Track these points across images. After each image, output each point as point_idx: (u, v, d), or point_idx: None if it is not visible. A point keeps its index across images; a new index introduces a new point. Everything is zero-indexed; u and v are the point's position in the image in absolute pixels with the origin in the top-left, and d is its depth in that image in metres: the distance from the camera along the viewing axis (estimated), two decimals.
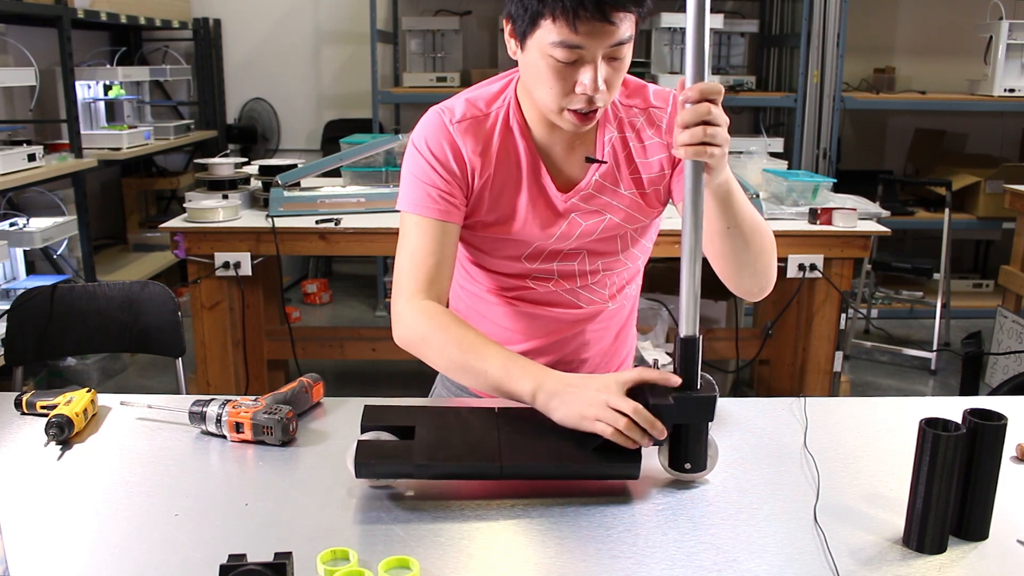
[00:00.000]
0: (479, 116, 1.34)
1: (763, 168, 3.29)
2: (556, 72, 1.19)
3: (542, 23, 1.16)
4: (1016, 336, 3.65)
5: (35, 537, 1.03)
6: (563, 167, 1.35)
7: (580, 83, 1.19)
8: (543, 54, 1.18)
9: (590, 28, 1.14)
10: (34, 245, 3.37)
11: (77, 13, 3.76)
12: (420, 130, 1.36)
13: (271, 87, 5.27)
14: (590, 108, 1.22)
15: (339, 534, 1.04)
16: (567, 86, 1.20)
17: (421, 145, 1.34)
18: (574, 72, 1.19)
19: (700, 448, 1.15)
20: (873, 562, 0.99)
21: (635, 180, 1.36)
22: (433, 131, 1.34)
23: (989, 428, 1.02)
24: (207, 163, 3.28)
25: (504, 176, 1.34)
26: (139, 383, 3.70)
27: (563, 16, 1.14)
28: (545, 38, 1.17)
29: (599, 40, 1.16)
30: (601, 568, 0.97)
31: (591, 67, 1.18)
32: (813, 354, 3.03)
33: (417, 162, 1.34)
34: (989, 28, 4.52)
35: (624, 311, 1.52)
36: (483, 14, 5.06)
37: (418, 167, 1.33)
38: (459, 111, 1.34)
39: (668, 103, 1.36)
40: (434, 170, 1.32)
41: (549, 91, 1.21)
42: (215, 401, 1.29)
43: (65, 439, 1.26)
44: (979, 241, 5.22)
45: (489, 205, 1.35)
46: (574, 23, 1.13)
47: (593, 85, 1.18)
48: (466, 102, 1.35)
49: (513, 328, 1.46)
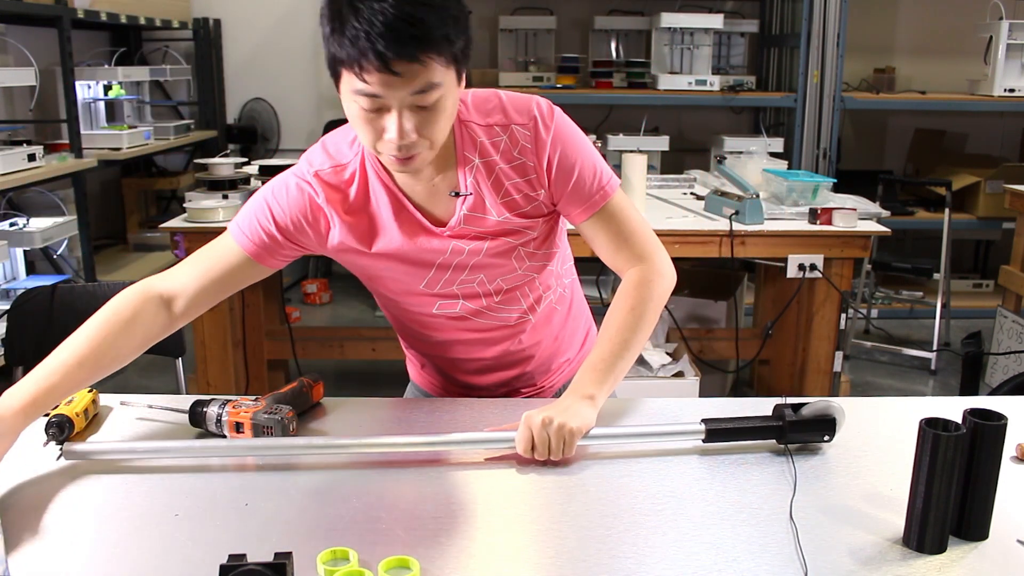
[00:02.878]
0: (336, 166, 1.31)
1: (763, 168, 3.29)
2: (364, 119, 1.16)
3: (342, 71, 1.14)
4: (1016, 336, 3.65)
5: (35, 537, 1.03)
6: (430, 205, 1.32)
7: (387, 130, 1.15)
8: (349, 100, 1.16)
9: (380, 79, 1.10)
10: (34, 245, 3.37)
11: (77, 13, 3.76)
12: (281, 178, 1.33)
13: (271, 87, 5.27)
14: (404, 155, 1.17)
15: (339, 534, 1.04)
16: (376, 132, 1.16)
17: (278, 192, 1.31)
18: (380, 119, 1.15)
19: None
20: (873, 562, 0.99)
21: (507, 203, 1.32)
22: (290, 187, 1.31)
23: (989, 428, 1.02)
24: (207, 163, 3.27)
25: (368, 217, 1.32)
26: (139, 383, 3.70)
27: (349, 68, 1.11)
28: (347, 85, 1.14)
29: (395, 89, 1.11)
30: (601, 568, 0.97)
31: (394, 115, 1.14)
32: (813, 354, 3.03)
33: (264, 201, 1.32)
34: (989, 28, 4.52)
35: (557, 316, 1.50)
36: (482, 14, 5.06)
37: (262, 205, 1.32)
38: (317, 162, 1.31)
39: (530, 118, 1.29)
40: (273, 219, 1.30)
41: (364, 136, 1.19)
42: (215, 401, 1.29)
43: (65, 439, 1.26)
44: (979, 241, 5.22)
45: (359, 240, 1.32)
46: (361, 75, 1.10)
47: (397, 134, 1.14)
48: (324, 152, 1.32)
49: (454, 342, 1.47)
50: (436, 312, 1.42)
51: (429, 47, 1.09)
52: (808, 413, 1.25)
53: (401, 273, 1.36)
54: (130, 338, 1.26)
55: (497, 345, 1.47)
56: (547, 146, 1.29)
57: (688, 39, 4.63)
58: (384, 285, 1.41)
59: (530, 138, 1.29)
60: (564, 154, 1.30)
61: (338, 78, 1.16)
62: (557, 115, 1.31)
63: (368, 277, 1.41)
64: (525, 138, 1.29)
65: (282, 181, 1.33)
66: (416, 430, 1.33)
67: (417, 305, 1.42)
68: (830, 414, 1.25)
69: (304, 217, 1.31)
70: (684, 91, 4.50)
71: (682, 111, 5.11)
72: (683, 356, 3.11)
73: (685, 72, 4.64)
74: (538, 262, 1.40)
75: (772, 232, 2.86)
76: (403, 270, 1.35)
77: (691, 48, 4.65)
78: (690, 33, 4.62)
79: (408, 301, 1.42)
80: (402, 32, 1.07)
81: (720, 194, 3.01)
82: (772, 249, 2.91)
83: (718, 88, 4.52)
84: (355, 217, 1.32)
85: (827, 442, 1.27)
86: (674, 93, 4.49)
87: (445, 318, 1.42)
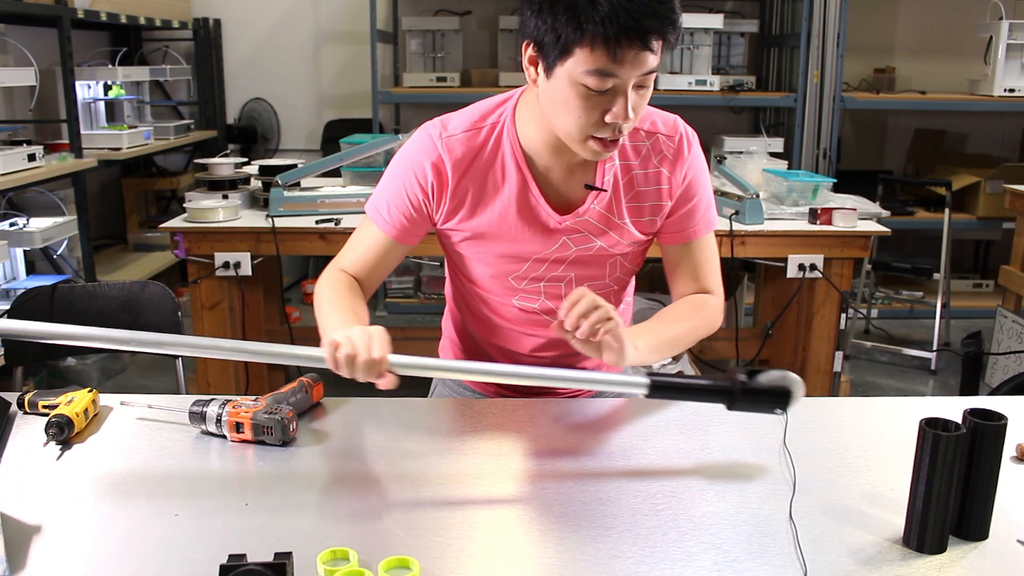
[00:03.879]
0: (470, 131, 1.33)
1: (763, 168, 3.29)
2: (586, 100, 1.17)
3: (577, 51, 1.14)
4: (1016, 336, 3.65)
5: (35, 537, 1.03)
6: (562, 190, 1.34)
7: (612, 112, 1.17)
8: (573, 82, 1.16)
9: (628, 56, 1.13)
10: (34, 245, 3.37)
11: (77, 13, 3.76)
12: (410, 145, 1.36)
13: (271, 87, 5.27)
14: (617, 136, 1.21)
15: (339, 534, 1.04)
16: (596, 115, 1.18)
17: (404, 163, 1.35)
18: (604, 101, 1.17)
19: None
20: (873, 562, 0.99)
21: (632, 209, 1.35)
22: (419, 150, 1.34)
23: (989, 428, 1.02)
24: (207, 163, 3.27)
25: (488, 192, 1.33)
26: (139, 383, 3.70)
27: (604, 44, 1.12)
28: (578, 67, 1.15)
29: (635, 68, 1.14)
30: (601, 568, 0.97)
31: (623, 96, 1.16)
32: (813, 354, 3.03)
33: (395, 177, 1.36)
34: (989, 28, 4.52)
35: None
36: (483, 14, 5.06)
37: (394, 183, 1.36)
38: (452, 124, 1.33)
39: (676, 132, 1.36)
40: (406, 194, 1.34)
41: (575, 120, 1.19)
42: (215, 401, 1.29)
43: (65, 439, 1.26)
44: (979, 241, 5.22)
45: (468, 217, 1.34)
46: (614, 51, 1.12)
47: (624, 114, 1.17)
48: (462, 114, 1.35)
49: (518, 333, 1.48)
50: (514, 303, 1.43)
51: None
52: (764, 382, 1.18)
53: (496, 257, 1.38)
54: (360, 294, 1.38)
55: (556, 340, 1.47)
56: (686, 164, 1.35)
57: (688, 39, 4.63)
58: (472, 269, 1.42)
59: (673, 151, 1.34)
60: (695, 179, 1.37)
61: (560, 62, 1.16)
62: (696, 141, 1.38)
63: (459, 257, 1.42)
64: (669, 150, 1.34)
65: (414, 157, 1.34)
66: (417, 430, 1.33)
67: (498, 295, 1.43)
68: (785, 385, 1.17)
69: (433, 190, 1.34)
70: (684, 91, 4.50)
71: (682, 111, 5.06)
72: (683, 356, 3.11)
73: (685, 72, 4.64)
74: (626, 275, 1.45)
75: (772, 232, 2.86)
76: (502, 252, 1.37)
77: (691, 48, 4.65)
78: (690, 33, 4.62)
79: (491, 290, 1.43)
80: (657, 10, 1.12)
81: (720, 194, 3.01)
82: (772, 249, 2.91)
83: (718, 88, 4.52)
84: (474, 185, 1.33)
85: (780, 415, 1.20)
86: (674, 93, 4.49)
87: (519, 310, 1.44)
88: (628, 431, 1.34)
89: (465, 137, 1.32)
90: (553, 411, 1.40)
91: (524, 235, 1.34)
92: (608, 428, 1.35)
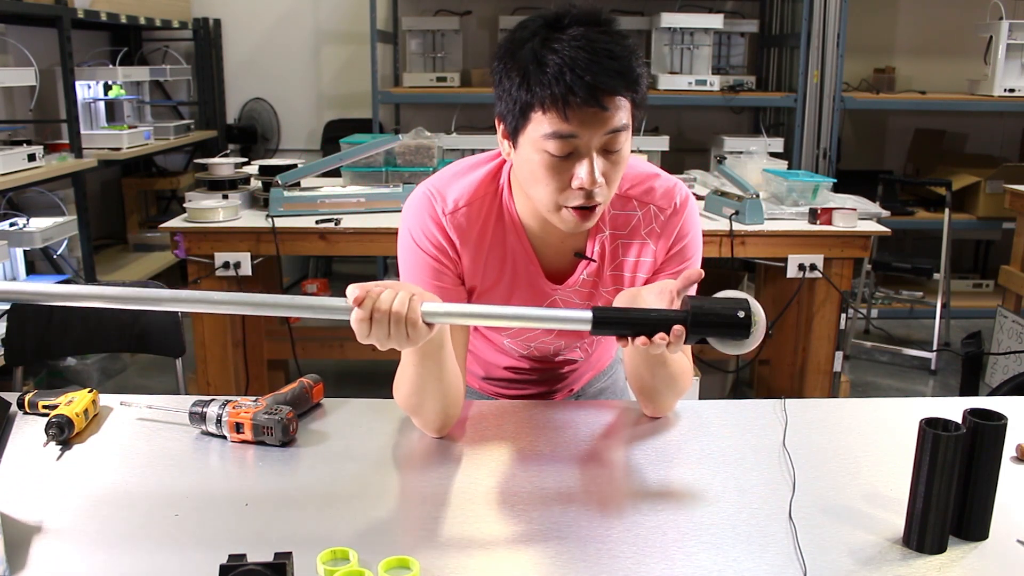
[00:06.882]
0: (471, 206, 1.29)
1: (763, 168, 3.29)
2: (550, 168, 1.14)
3: (532, 116, 1.12)
4: (1016, 336, 3.65)
5: (35, 537, 1.03)
6: (554, 260, 1.33)
7: (576, 177, 1.13)
8: (536, 149, 1.14)
9: (582, 115, 1.09)
10: (34, 245, 3.37)
11: (77, 13, 3.76)
12: (412, 218, 1.31)
13: (271, 87, 5.27)
14: (589, 204, 1.16)
15: (339, 534, 1.04)
16: (563, 181, 1.14)
17: (415, 236, 1.30)
18: (569, 166, 1.14)
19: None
20: (873, 562, 0.99)
21: (614, 278, 1.34)
22: (424, 221, 1.29)
23: (989, 428, 1.02)
24: (207, 163, 3.27)
25: (494, 267, 1.32)
26: (139, 383, 3.70)
27: (553, 105, 1.09)
28: (537, 131, 1.12)
29: (592, 128, 1.11)
30: (601, 568, 0.97)
31: (587, 159, 1.13)
32: (813, 354, 3.03)
33: (410, 254, 1.31)
34: (989, 28, 4.52)
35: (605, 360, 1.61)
36: (483, 14, 5.06)
37: (411, 260, 1.31)
38: (451, 200, 1.29)
39: (670, 203, 1.31)
40: (427, 262, 1.29)
41: (545, 188, 1.16)
42: (215, 401, 1.29)
43: (65, 439, 1.26)
44: (979, 241, 5.22)
45: (471, 279, 1.33)
46: (564, 111, 1.09)
47: (590, 178, 1.13)
48: (458, 190, 1.30)
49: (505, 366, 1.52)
50: (504, 343, 1.45)
51: (628, 82, 1.11)
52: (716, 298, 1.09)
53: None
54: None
55: (542, 371, 1.52)
56: (673, 236, 1.32)
57: (688, 39, 4.63)
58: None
59: (663, 223, 1.31)
60: (686, 248, 1.33)
61: (521, 130, 1.14)
62: (692, 210, 1.34)
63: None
64: (659, 222, 1.31)
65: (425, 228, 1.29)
66: (416, 430, 1.33)
67: (489, 334, 1.45)
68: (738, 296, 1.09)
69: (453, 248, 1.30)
70: (684, 91, 4.51)
71: (682, 111, 5.11)
72: None
73: (685, 72, 4.64)
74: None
75: (772, 232, 2.86)
76: None
77: (691, 48, 4.65)
78: (690, 33, 4.62)
79: (483, 330, 1.45)
80: (606, 65, 1.09)
81: (720, 194, 3.01)
82: (772, 249, 2.91)
83: (718, 88, 4.52)
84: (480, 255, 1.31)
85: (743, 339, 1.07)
86: (674, 93, 4.49)
87: (508, 352, 1.47)
88: (628, 432, 1.34)
89: (468, 211, 1.29)
90: (553, 413, 1.40)
91: (519, 301, 1.34)
92: (608, 429, 1.35)
